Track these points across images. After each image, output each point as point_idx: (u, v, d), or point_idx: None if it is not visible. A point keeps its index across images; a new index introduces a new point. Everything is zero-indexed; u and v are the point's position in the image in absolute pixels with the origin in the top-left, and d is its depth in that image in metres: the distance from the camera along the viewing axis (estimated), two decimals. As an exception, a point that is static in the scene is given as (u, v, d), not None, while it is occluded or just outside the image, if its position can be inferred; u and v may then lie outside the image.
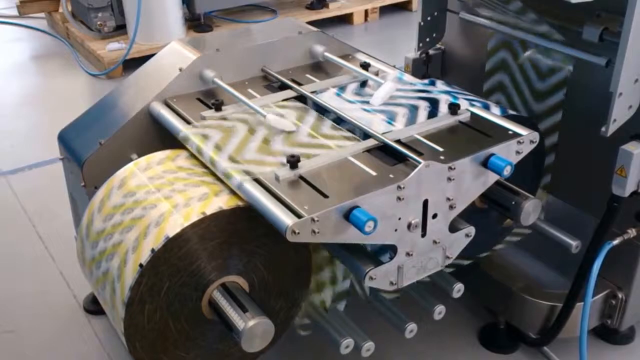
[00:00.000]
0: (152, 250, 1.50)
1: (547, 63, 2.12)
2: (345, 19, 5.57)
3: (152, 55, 2.23)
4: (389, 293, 1.96)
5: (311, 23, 5.21)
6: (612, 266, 2.01)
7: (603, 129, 1.77)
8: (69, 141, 2.06)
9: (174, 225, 1.52)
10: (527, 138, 1.72)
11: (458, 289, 1.92)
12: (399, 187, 1.52)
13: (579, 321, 2.02)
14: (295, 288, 1.78)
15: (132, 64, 4.24)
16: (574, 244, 2.05)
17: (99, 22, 4.74)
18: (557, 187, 2.24)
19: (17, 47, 5.26)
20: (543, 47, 2.11)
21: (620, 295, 2.10)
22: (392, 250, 1.62)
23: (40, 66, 4.93)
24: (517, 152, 1.72)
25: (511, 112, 1.94)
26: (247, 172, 1.60)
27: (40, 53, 5.15)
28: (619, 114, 1.76)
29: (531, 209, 1.79)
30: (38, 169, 3.41)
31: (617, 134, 1.78)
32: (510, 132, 1.74)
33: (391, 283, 1.64)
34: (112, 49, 4.62)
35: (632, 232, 1.97)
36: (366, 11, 5.59)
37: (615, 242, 1.95)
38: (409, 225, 1.59)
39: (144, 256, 1.50)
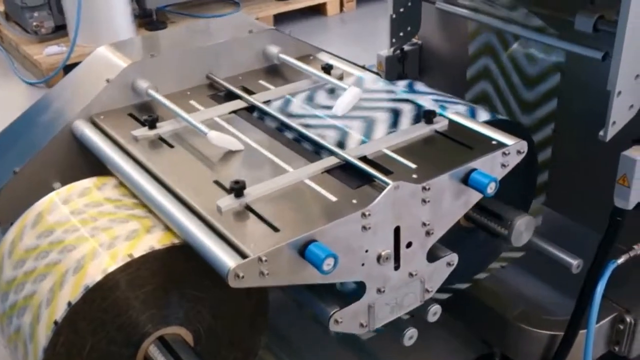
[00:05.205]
0: (69, 303, 1.39)
1: (537, 57, 2.09)
2: (318, 10, 5.51)
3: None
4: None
5: (280, 15, 5.20)
6: (619, 287, 1.97)
7: (601, 132, 1.72)
8: (-22, 170, 1.95)
9: (95, 272, 1.41)
10: (513, 148, 1.64)
11: (434, 312, 1.80)
12: (363, 214, 1.43)
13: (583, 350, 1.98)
14: (250, 335, 1.69)
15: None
16: (574, 263, 1.97)
17: (35, 23, 4.63)
18: (554, 200, 2.19)
19: (-59, 53, 5.12)
20: (531, 40, 2.06)
21: (628, 319, 2.05)
22: (360, 287, 1.52)
23: (-32, 75, 4.79)
24: (503, 165, 1.64)
25: (500, 117, 1.87)
26: (184, 202, 1.50)
27: (-31, 60, 5.01)
28: (619, 115, 1.71)
29: (523, 228, 1.73)
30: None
31: (618, 138, 1.72)
32: (494, 142, 1.66)
33: (361, 325, 1.56)
34: (51, 53, 4.51)
35: (638, 249, 1.93)
36: (341, 0, 5.55)
37: (621, 260, 1.91)
38: (379, 258, 1.50)
39: (60, 311, 1.39)
